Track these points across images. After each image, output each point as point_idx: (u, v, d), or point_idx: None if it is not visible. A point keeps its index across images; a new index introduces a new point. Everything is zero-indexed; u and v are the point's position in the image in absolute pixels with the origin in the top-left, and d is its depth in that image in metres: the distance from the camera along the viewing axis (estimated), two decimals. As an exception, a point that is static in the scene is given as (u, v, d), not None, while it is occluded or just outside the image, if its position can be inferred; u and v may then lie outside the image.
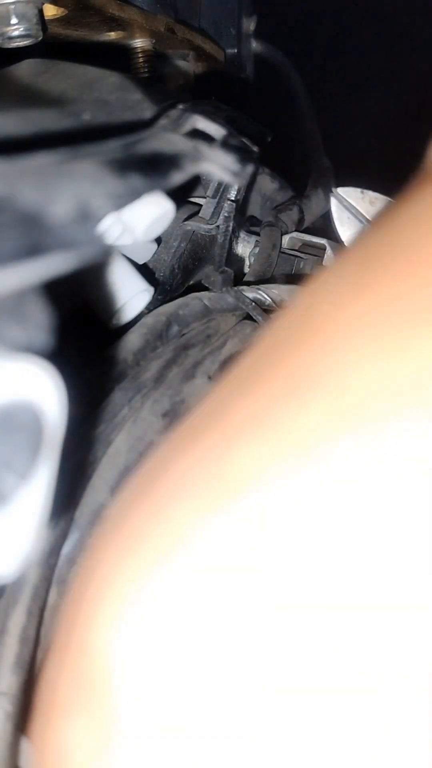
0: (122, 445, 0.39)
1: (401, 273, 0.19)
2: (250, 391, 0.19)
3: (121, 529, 0.19)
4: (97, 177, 0.26)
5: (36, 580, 0.35)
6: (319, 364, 0.18)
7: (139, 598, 0.18)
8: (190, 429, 0.21)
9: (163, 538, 0.18)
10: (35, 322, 0.24)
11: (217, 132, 0.36)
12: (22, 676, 0.34)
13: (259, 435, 0.18)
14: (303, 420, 0.18)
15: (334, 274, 0.20)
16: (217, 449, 0.19)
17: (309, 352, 0.19)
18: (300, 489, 0.17)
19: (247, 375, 0.20)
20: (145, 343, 0.41)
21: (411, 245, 0.19)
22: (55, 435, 0.23)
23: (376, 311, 0.18)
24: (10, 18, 0.47)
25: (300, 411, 0.18)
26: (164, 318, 0.43)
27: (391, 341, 0.17)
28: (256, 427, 0.18)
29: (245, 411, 0.19)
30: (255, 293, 0.46)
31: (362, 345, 0.18)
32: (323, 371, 0.18)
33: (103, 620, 0.18)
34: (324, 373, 0.18)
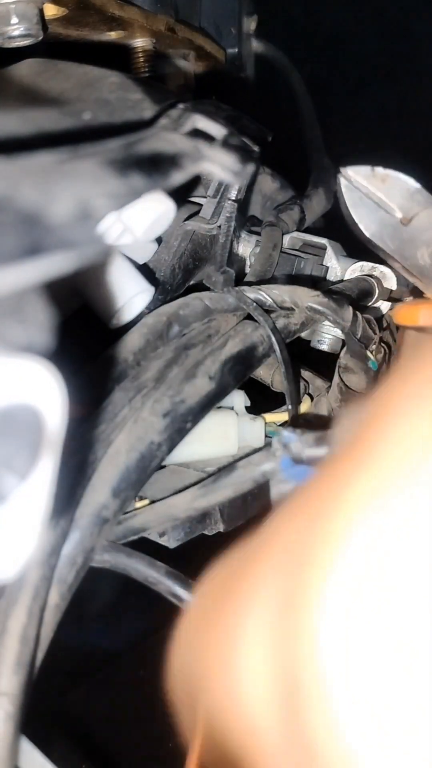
0: (123, 445, 0.39)
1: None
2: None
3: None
4: (97, 177, 0.26)
5: (36, 580, 0.35)
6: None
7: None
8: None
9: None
10: (35, 322, 0.24)
11: (217, 132, 0.36)
12: (22, 676, 0.34)
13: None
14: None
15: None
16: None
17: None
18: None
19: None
20: (146, 343, 0.41)
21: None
22: (56, 435, 0.23)
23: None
24: (11, 18, 0.47)
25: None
26: (165, 318, 0.43)
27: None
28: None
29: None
30: (256, 294, 0.46)
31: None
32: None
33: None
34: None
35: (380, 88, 1.15)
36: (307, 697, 0.19)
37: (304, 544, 0.20)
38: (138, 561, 0.39)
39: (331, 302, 0.45)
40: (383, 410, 0.21)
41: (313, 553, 0.20)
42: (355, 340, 0.46)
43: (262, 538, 0.23)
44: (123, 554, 0.39)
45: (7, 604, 0.34)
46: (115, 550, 0.39)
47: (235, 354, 0.44)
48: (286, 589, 0.20)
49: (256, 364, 0.46)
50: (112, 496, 0.38)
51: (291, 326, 0.48)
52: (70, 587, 0.36)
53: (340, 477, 0.21)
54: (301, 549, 0.20)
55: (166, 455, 0.40)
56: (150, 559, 0.39)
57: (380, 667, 0.18)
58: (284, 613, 0.20)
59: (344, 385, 0.49)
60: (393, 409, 0.21)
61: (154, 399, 0.40)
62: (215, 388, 0.42)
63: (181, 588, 0.39)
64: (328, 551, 0.19)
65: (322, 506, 0.20)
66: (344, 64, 1.16)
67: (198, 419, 0.42)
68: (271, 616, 0.21)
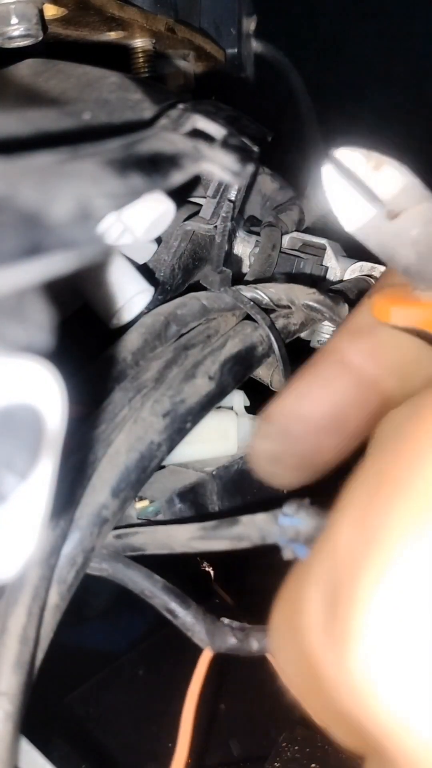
0: (122, 445, 0.39)
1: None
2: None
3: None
4: (97, 177, 0.26)
5: (36, 581, 0.35)
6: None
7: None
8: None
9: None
10: (35, 322, 0.24)
11: (217, 132, 0.35)
12: (22, 676, 0.34)
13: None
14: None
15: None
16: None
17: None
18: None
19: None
20: (144, 342, 0.41)
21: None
22: (56, 435, 0.23)
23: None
24: (11, 18, 0.47)
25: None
26: (162, 318, 0.43)
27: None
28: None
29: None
30: (253, 292, 0.46)
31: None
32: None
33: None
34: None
35: (380, 88, 1.15)
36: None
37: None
38: (136, 573, 0.39)
39: (327, 300, 0.45)
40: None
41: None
42: None
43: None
44: (121, 564, 0.39)
45: (7, 604, 0.34)
46: (114, 559, 0.39)
47: (235, 354, 0.44)
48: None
49: (255, 364, 0.46)
50: (111, 496, 0.38)
51: (290, 326, 0.48)
52: (70, 587, 0.36)
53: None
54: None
55: (166, 455, 0.40)
56: (148, 572, 0.39)
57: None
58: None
59: None
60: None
61: (153, 399, 0.40)
62: (215, 388, 0.42)
63: (177, 604, 0.39)
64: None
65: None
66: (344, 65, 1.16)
67: (198, 419, 0.42)
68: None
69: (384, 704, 0.21)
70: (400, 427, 0.25)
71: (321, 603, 0.24)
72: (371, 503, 0.23)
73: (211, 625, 0.39)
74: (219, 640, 0.39)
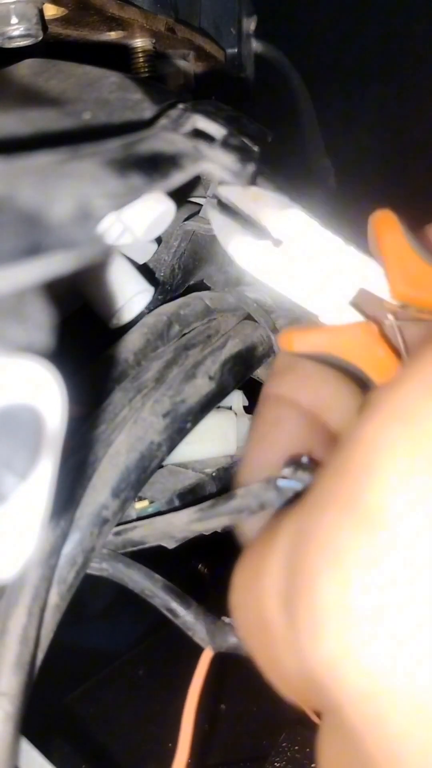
0: (122, 445, 0.39)
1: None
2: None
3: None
4: (97, 177, 0.26)
5: (36, 581, 0.35)
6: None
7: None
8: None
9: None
10: (35, 322, 0.24)
11: (217, 131, 0.35)
12: (22, 676, 0.34)
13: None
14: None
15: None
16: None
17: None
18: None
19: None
20: (146, 342, 0.41)
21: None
22: (56, 435, 0.23)
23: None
24: (10, 18, 0.47)
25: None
26: (165, 318, 0.43)
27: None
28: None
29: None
30: (257, 294, 0.46)
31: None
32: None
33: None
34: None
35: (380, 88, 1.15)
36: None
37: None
38: (136, 572, 0.39)
39: None
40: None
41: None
42: None
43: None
44: (121, 564, 0.39)
45: (7, 605, 0.34)
46: (114, 559, 0.39)
47: (235, 354, 0.44)
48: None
49: (256, 365, 0.46)
50: (112, 496, 0.38)
51: (291, 326, 0.48)
52: (70, 587, 0.36)
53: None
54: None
55: (166, 455, 0.40)
56: (148, 571, 0.39)
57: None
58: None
59: None
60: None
61: (154, 399, 0.40)
62: (215, 389, 0.42)
63: (177, 603, 0.39)
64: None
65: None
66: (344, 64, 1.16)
67: (198, 419, 0.42)
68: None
69: (347, 681, 0.21)
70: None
71: (281, 571, 0.24)
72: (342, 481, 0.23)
73: (212, 624, 0.39)
74: (220, 639, 0.39)
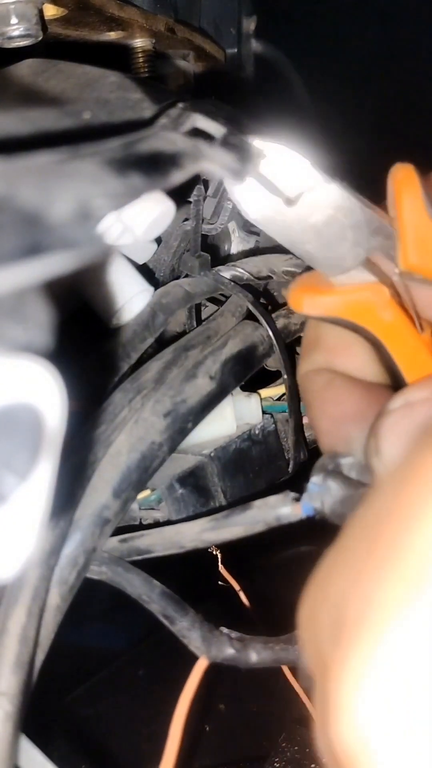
0: (123, 445, 0.39)
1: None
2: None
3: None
4: (97, 176, 0.26)
5: (36, 581, 0.35)
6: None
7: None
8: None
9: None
10: (35, 322, 0.24)
11: (217, 131, 0.35)
12: (22, 676, 0.34)
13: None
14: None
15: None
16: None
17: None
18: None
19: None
20: (133, 334, 0.42)
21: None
22: (56, 435, 0.23)
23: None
24: (10, 18, 0.47)
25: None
26: (149, 308, 0.43)
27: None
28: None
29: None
30: (232, 270, 0.46)
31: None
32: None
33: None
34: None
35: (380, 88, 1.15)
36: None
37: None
38: (134, 577, 0.39)
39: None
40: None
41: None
42: None
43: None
44: (120, 568, 0.39)
45: (7, 604, 0.34)
46: (114, 563, 0.39)
47: (236, 354, 0.44)
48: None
49: (256, 364, 0.46)
50: (113, 496, 0.38)
51: (291, 326, 0.48)
52: (71, 588, 0.36)
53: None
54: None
55: (167, 455, 0.40)
56: (147, 577, 0.39)
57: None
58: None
59: None
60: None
61: (154, 399, 0.40)
62: (216, 388, 0.42)
63: (174, 610, 0.38)
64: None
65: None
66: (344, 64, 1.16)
67: (199, 419, 0.42)
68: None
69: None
70: (398, 475, 0.24)
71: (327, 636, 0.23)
72: (366, 560, 0.23)
73: (209, 633, 0.39)
74: (215, 649, 0.38)
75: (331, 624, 0.23)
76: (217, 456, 0.45)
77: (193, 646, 0.38)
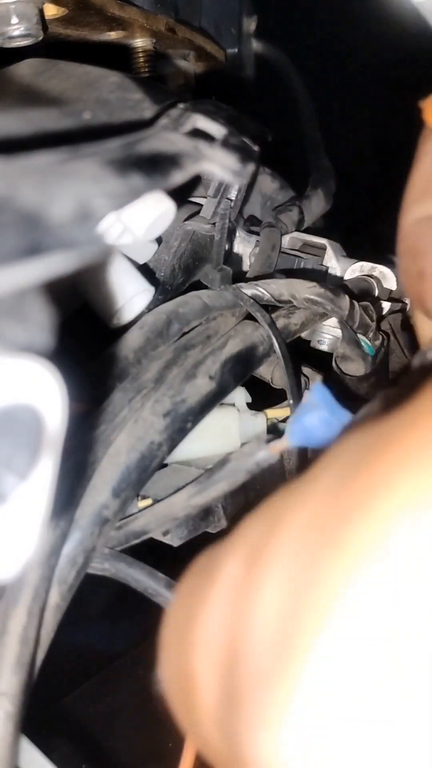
0: (123, 445, 0.39)
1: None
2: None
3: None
4: (97, 177, 0.26)
5: (36, 581, 0.35)
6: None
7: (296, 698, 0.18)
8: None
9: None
10: (35, 322, 0.24)
11: (217, 131, 0.36)
12: (22, 676, 0.34)
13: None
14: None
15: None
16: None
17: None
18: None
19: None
20: (146, 340, 0.41)
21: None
22: (56, 435, 0.23)
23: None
24: (11, 18, 0.47)
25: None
26: (164, 316, 0.43)
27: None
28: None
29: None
30: (254, 289, 0.46)
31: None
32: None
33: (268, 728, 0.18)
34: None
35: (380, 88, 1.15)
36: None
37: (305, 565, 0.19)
38: (138, 571, 0.39)
39: (328, 293, 0.45)
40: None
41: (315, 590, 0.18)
42: (349, 328, 0.47)
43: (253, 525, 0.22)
44: (123, 563, 0.39)
45: (7, 605, 0.34)
46: (116, 558, 0.39)
47: (236, 354, 0.44)
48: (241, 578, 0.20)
49: (256, 364, 0.46)
50: (112, 496, 0.38)
51: (291, 326, 0.48)
52: (70, 587, 0.36)
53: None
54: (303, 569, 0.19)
55: (166, 455, 0.40)
56: (150, 570, 0.39)
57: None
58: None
59: (342, 373, 0.49)
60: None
61: (154, 399, 0.40)
62: (215, 388, 0.42)
63: None
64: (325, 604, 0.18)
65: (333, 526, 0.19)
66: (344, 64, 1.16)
67: (198, 419, 0.42)
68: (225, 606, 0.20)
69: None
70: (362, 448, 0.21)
71: (220, 626, 0.20)
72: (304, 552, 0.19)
73: None
74: None
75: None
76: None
77: None
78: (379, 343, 0.49)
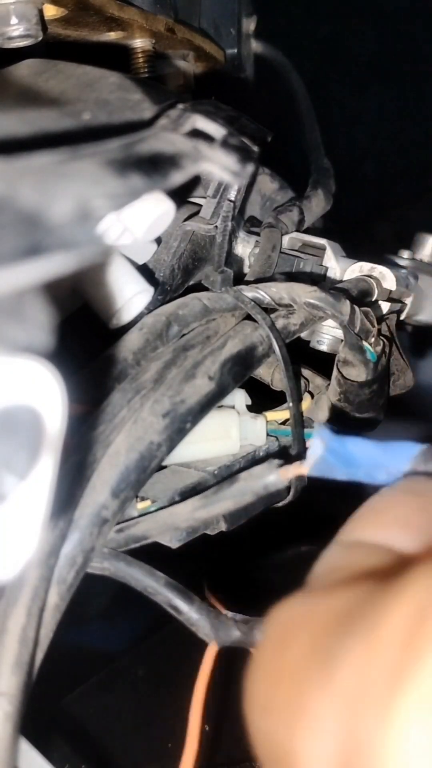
0: (122, 445, 0.39)
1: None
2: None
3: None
4: (97, 177, 0.26)
5: (35, 581, 0.35)
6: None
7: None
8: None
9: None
10: (35, 322, 0.24)
11: (217, 132, 0.35)
12: (21, 676, 0.34)
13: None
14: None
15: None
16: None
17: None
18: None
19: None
20: (146, 342, 0.41)
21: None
22: (55, 435, 0.23)
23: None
24: (10, 18, 0.47)
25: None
26: (164, 318, 0.43)
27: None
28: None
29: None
30: (254, 292, 0.46)
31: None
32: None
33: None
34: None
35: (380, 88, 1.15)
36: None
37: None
38: (138, 570, 0.39)
39: (329, 297, 0.45)
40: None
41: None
42: (352, 333, 0.46)
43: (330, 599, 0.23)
44: (123, 562, 0.39)
45: (6, 605, 0.34)
46: (115, 558, 0.39)
47: (235, 354, 0.44)
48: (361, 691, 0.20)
49: (255, 365, 0.46)
50: (111, 496, 0.38)
51: (290, 326, 0.48)
52: (69, 587, 0.36)
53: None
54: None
55: (165, 455, 0.40)
56: (150, 569, 0.39)
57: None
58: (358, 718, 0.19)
59: (343, 378, 0.49)
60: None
61: (153, 399, 0.40)
62: (215, 389, 0.42)
63: (180, 600, 0.39)
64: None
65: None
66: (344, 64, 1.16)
67: (198, 419, 0.42)
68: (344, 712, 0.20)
69: None
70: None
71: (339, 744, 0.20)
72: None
73: (215, 619, 0.39)
74: (223, 633, 0.39)
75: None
76: (220, 474, 0.45)
77: (202, 633, 0.39)
78: (380, 348, 0.49)
